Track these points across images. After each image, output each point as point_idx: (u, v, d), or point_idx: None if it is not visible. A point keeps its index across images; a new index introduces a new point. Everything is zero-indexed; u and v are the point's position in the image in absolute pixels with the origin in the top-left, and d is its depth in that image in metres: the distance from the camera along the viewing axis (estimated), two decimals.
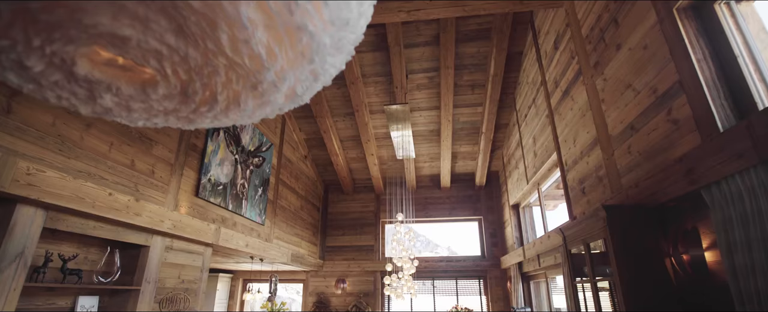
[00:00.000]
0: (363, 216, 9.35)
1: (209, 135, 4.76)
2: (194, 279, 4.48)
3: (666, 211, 2.85)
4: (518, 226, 7.80)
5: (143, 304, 3.69)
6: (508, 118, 7.56)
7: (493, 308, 8.39)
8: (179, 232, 3.98)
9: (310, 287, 8.96)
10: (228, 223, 5.20)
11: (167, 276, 4.05)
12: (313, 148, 8.51)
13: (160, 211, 3.69)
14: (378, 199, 9.46)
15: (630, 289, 2.71)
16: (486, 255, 8.79)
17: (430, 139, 8.11)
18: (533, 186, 6.49)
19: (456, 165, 8.86)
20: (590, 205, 4.03)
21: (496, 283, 8.53)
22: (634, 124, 3.09)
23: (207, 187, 4.69)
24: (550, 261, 5.59)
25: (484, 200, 9.14)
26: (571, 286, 3.82)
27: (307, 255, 8.07)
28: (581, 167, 4.24)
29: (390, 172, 9.06)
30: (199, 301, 4.56)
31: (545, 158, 5.49)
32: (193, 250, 4.46)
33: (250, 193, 5.76)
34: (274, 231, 6.63)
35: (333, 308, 8.70)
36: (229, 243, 4.96)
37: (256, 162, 5.95)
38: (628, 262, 2.76)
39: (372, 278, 8.81)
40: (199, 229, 4.31)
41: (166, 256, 4.03)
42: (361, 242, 9.14)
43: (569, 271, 3.83)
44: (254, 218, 5.87)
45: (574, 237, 3.64)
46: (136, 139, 3.65)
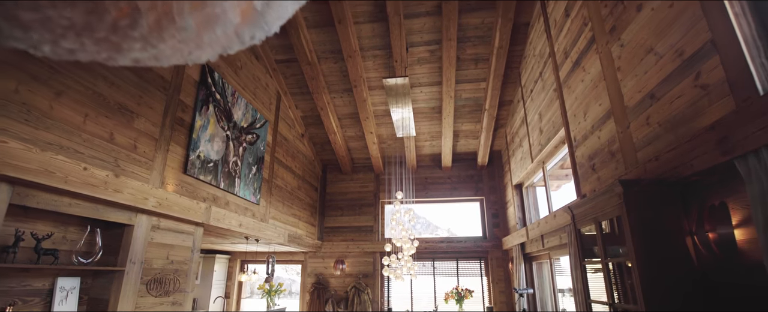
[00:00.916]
0: (362, 196, 9.16)
1: (197, 109, 4.50)
2: (184, 260, 4.29)
3: (687, 186, 2.61)
4: (521, 207, 7.60)
5: (128, 285, 3.50)
6: (512, 94, 7.27)
7: (494, 289, 8.27)
8: (166, 210, 3.77)
9: (309, 268, 8.84)
10: (220, 202, 4.99)
11: (154, 256, 3.85)
12: (310, 126, 8.25)
13: (143, 188, 3.47)
14: (377, 179, 9.25)
15: (647, 269, 2.50)
16: (487, 236, 8.62)
17: (431, 117, 7.83)
18: (538, 165, 6.26)
19: (458, 144, 8.61)
20: (601, 182, 3.80)
21: (498, 264, 8.40)
22: (655, 93, 2.83)
23: (196, 164, 4.46)
24: (555, 242, 5.40)
25: (486, 180, 8.93)
26: (579, 267, 3.62)
27: (304, 236, 7.91)
28: (592, 142, 3.99)
29: (390, 151, 8.82)
30: (190, 282, 4.39)
31: (552, 135, 5.23)
32: (182, 229, 4.26)
33: (244, 171, 5.53)
34: (269, 211, 6.44)
35: (332, 289, 8.60)
36: (221, 223, 4.76)
37: (249, 139, 5.70)
38: (645, 241, 2.54)
39: (371, 259, 8.67)
40: (188, 207, 4.09)
41: (153, 235, 3.83)
42: (360, 223, 8.97)
43: (578, 252, 3.62)
44: (248, 197, 5.66)
45: (584, 215, 3.42)
46: (115, 111, 3.39)
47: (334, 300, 8.41)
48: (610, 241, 3.09)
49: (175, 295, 4.15)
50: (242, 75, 5.70)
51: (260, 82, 6.32)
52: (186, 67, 4.37)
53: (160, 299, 3.93)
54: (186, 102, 4.38)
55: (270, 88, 6.71)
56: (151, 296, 3.81)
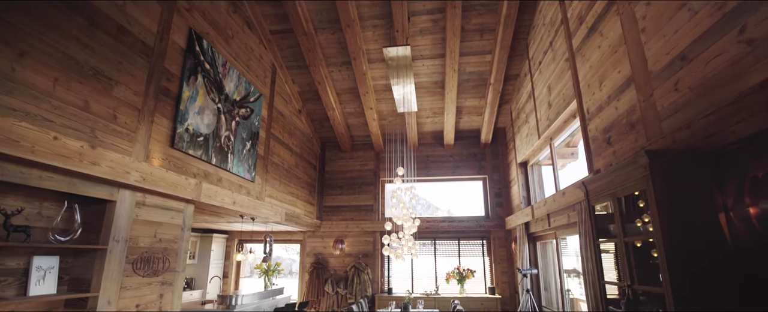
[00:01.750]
0: (362, 175, 8.92)
1: (184, 78, 4.20)
2: (173, 238, 4.08)
3: (723, 157, 2.35)
4: (526, 186, 7.37)
5: (112, 264, 3.29)
6: (518, 68, 6.93)
7: (496, 270, 8.12)
8: (151, 186, 3.52)
9: (308, 248, 8.68)
10: (212, 178, 4.75)
11: (140, 234, 3.63)
12: (308, 102, 7.94)
13: (124, 161, 3.21)
14: (377, 157, 8.99)
15: (674, 248, 2.26)
16: (490, 215, 8.42)
17: (434, 92, 7.52)
18: (545, 141, 5.99)
19: (460, 121, 8.31)
20: (617, 156, 3.54)
21: (500, 244, 8.23)
22: (687, 54, 2.53)
23: (184, 138, 4.19)
24: (562, 220, 5.17)
25: (490, 158, 8.67)
26: (592, 246, 3.39)
27: (303, 215, 7.71)
28: (607, 114, 3.70)
29: (390, 128, 8.53)
30: (181, 261, 4.19)
31: (562, 108, 4.94)
32: (170, 206, 4.02)
33: (237, 146, 5.27)
34: (265, 189, 6.21)
35: (331, 269, 8.46)
36: (213, 200, 4.53)
37: (242, 113, 5.42)
38: (673, 217, 2.29)
39: (371, 239, 8.50)
40: (176, 183, 3.85)
41: (138, 212, 3.59)
42: (360, 202, 8.77)
43: (591, 230, 3.39)
44: (242, 174, 5.42)
45: (599, 191, 3.17)
46: (90, 77, 3.10)
47: (333, 280, 8.28)
48: (629, 218, 2.85)
49: (165, 275, 3.95)
50: (234, 45, 5.37)
51: (254, 53, 5.99)
52: (170, 32, 4.05)
53: (148, 279, 3.73)
54: (172, 70, 4.08)
55: (265, 61, 6.38)
56: (138, 276, 3.60)
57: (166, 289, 3.97)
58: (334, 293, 8.18)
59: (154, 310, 3.82)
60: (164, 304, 3.94)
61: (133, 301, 3.54)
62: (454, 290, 8.19)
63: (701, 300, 2.19)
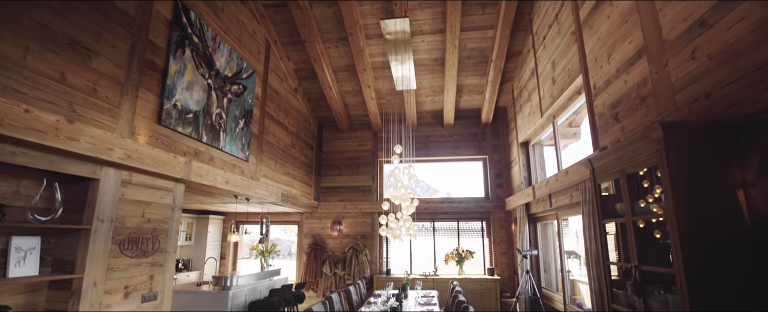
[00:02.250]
0: (360, 155, 8.77)
1: (171, 52, 4.00)
2: (163, 218, 3.94)
3: (742, 129, 2.18)
4: (527, 166, 7.23)
5: (97, 245, 3.16)
6: (521, 44, 6.70)
7: (495, 251, 8.06)
8: (136, 163, 3.37)
9: (305, 229, 8.60)
10: (203, 157, 4.59)
11: (127, 214, 3.49)
12: (304, 80, 7.72)
13: (106, 137, 3.04)
14: (376, 137, 8.82)
15: (688, 226, 2.12)
16: (490, 196, 8.31)
17: (433, 70, 7.29)
18: (548, 119, 5.81)
19: (461, 99, 8.11)
20: (625, 132, 3.37)
21: (500, 225, 8.14)
22: (706, 19, 2.34)
23: (172, 114, 4.01)
24: (564, 200, 5.04)
25: (490, 138, 8.50)
26: (597, 226, 3.26)
27: (300, 195, 7.59)
28: (616, 88, 3.52)
29: (389, 107, 8.33)
30: (172, 242, 4.07)
31: (566, 84, 4.75)
32: (159, 185, 3.87)
33: (229, 124, 5.09)
34: (260, 168, 6.06)
35: (329, 250, 8.39)
36: (204, 179, 4.39)
37: (235, 90, 5.22)
38: (687, 194, 2.14)
39: (369, 220, 8.41)
40: (164, 161, 3.69)
41: (124, 191, 3.44)
42: (358, 182, 8.64)
43: (596, 209, 3.25)
44: (236, 153, 5.26)
45: (607, 168, 3.01)
46: (66, 47, 2.91)
47: (331, 261, 8.22)
48: (637, 195, 2.71)
49: (155, 256, 3.84)
50: (224, 18, 5.13)
51: (246, 27, 5.75)
52: (154, 2, 3.82)
53: (137, 260, 3.61)
54: (157, 43, 3.87)
55: (258, 36, 6.14)
56: (126, 257, 3.48)
57: (157, 270, 3.86)
58: (332, 274, 8.14)
59: (145, 291, 3.72)
60: (155, 285, 3.84)
61: (121, 283, 3.43)
62: (452, 271, 8.15)
63: (713, 279, 2.06)
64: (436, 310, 4.92)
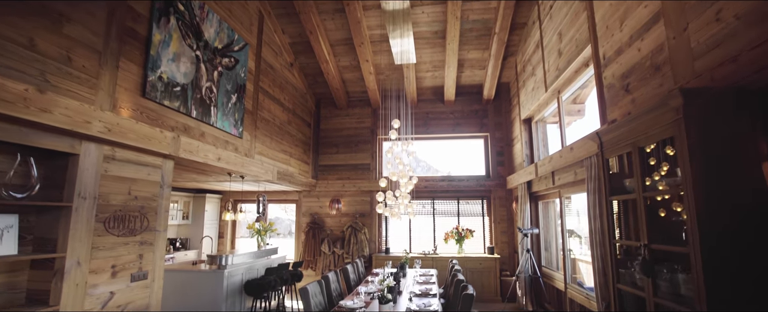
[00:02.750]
0: (358, 132, 8.58)
1: (155, 20, 3.76)
2: (152, 196, 3.79)
3: None
4: (529, 143, 7.04)
5: (80, 223, 3.02)
6: (526, 15, 6.40)
7: (495, 230, 7.96)
8: (119, 138, 3.19)
9: (303, 208, 8.49)
10: (193, 132, 4.41)
11: (112, 191, 3.34)
12: (300, 54, 7.45)
13: (84, 109, 2.86)
14: (374, 114, 8.60)
15: (707, 202, 1.95)
16: (491, 174, 8.15)
17: (434, 44, 7.02)
18: (553, 94, 5.59)
19: (462, 75, 7.85)
20: (636, 104, 3.17)
21: (501, 203, 8.01)
22: None
23: (158, 87, 3.81)
24: (568, 178, 4.88)
25: (492, 115, 8.28)
26: (603, 203, 3.10)
27: (297, 173, 7.44)
28: (628, 57, 3.30)
29: (388, 83, 8.09)
30: (162, 220, 3.93)
31: (573, 56, 4.51)
32: (146, 161, 3.71)
33: (221, 99, 4.89)
34: (255, 145, 5.88)
35: (328, 229, 8.31)
36: (195, 156, 4.22)
37: (225, 63, 4.99)
38: (706, 167, 1.97)
39: (368, 198, 8.29)
40: (149, 136, 3.51)
41: (107, 167, 3.28)
42: (357, 161, 8.48)
43: (603, 186, 3.08)
44: (228, 129, 5.07)
45: (616, 142, 2.83)
46: (35, 11, 2.69)
47: (330, 240, 8.14)
48: (649, 170, 2.53)
49: (144, 235, 3.70)
50: None
51: None
52: None
53: (124, 239, 3.48)
54: (138, 10, 3.63)
55: (250, 7, 5.86)
56: (112, 235, 3.35)
57: (146, 249, 3.74)
58: (331, 253, 8.07)
59: (134, 270, 3.60)
60: (145, 264, 3.72)
61: (107, 262, 3.30)
62: (452, 250, 8.08)
63: (731, 259, 1.91)
64: (434, 289, 4.83)
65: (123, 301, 3.48)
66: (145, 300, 3.75)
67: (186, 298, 5.18)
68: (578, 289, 4.95)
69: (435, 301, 4.05)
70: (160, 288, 3.95)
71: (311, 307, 3.80)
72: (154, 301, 3.86)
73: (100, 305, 3.24)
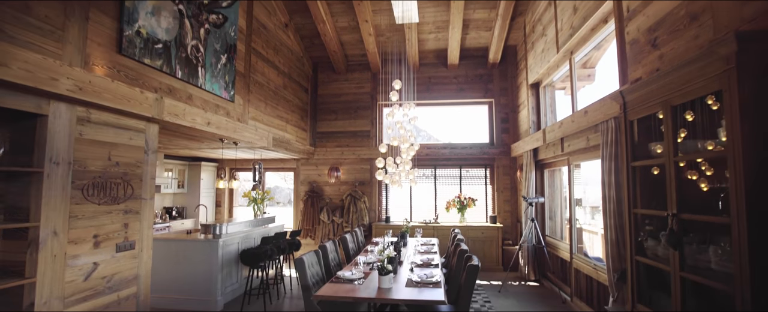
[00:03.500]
0: (358, 98, 8.23)
1: None
2: (135, 162, 3.54)
3: None
4: (536, 109, 6.73)
5: (54, 190, 2.77)
6: None
7: (498, 198, 7.77)
8: (93, 98, 2.90)
9: (302, 176, 8.27)
10: (179, 94, 4.11)
11: (89, 157, 3.08)
12: (295, 14, 7.01)
13: (48, 64, 2.55)
14: (374, 78, 8.23)
15: (760, 171, 1.68)
16: (495, 142, 7.88)
17: (438, 2, 6.56)
18: (564, 56, 5.23)
19: (467, 37, 7.43)
20: (664, 61, 2.85)
21: (504, 172, 7.79)
22: None
23: (136, 43, 3.47)
24: (579, 144, 4.61)
25: (498, 80, 7.92)
26: (623, 170, 2.83)
27: (294, 141, 7.17)
28: (657, 8, 2.95)
29: (388, 45, 7.67)
30: (148, 187, 3.69)
31: (591, 11, 4.13)
32: (126, 125, 3.43)
33: (209, 59, 4.55)
34: (248, 110, 5.58)
35: (327, 198, 8.12)
36: (181, 120, 3.93)
37: (213, 20, 4.62)
38: (758, 126, 1.69)
39: (368, 166, 8.05)
40: (127, 96, 3.21)
41: (82, 130, 3.01)
42: (356, 127, 8.18)
43: (625, 151, 2.81)
44: (218, 92, 4.76)
45: (643, 101, 2.53)
46: None
47: (329, 209, 7.97)
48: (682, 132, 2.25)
49: (128, 203, 3.48)
50: None
51: None
52: None
53: (106, 207, 3.25)
54: None
55: None
56: (92, 203, 3.12)
57: (132, 218, 3.52)
58: (330, 222, 7.93)
59: (119, 240, 3.40)
60: (130, 233, 3.52)
61: (88, 232, 3.09)
62: (454, 219, 7.92)
63: None
64: (436, 259, 4.66)
65: (108, 272, 3.30)
66: (134, 271, 3.58)
67: (180, 268, 5.04)
68: (584, 260, 4.79)
69: (437, 272, 3.88)
70: (149, 258, 3.76)
71: (307, 278, 3.63)
72: (143, 272, 3.68)
73: (82, 277, 3.05)
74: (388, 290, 3.29)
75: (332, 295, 3.16)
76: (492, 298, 5.50)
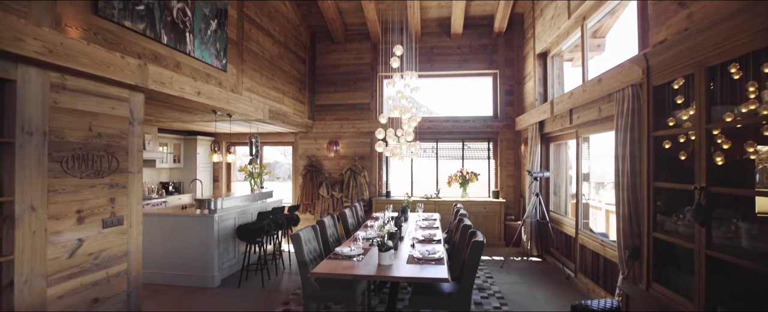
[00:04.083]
0: (357, 69, 7.93)
1: None
2: (120, 133, 3.32)
3: None
4: (543, 80, 6.45)
5: (28, 162, 2.57)
6: None
7: (501, 173, 7.59)
8: (67, 62, 2.66)
9: (300, 150, 8.07)
10: (165, 62, 3.85)
11: (67, 126, 2.86)
12: None
13: (9, 22, 2.30)
14: (374, 49, 7.90)
15: None
16: (499, 115, 7.63)
17: None
18: (576, 22, 4.93)
19: (471, 4, 7.06)
20: (693, 20, 2.59)
21: (508, 146, 7.57)
22: None
23: (114, 4, 3.20)
24: (590, 116, 4.38)
25: (503, 50, 7.59)
26: (644, 141, 2.62)
27: (291, 113, 6.93)
28: None
29: (389, 13, 7.31)
30: (135, 160, 3.49)
31: None
32: (108, 93, 3.19)
33: (197, 25, 4.26)
34: (242, 80, 5.32)
35: (326, 172, 7.95)
36: (168, 88, 3.69)
37: None
38: None
39: (368, 140, 7.84)
40: (107, 61, 2.97)
41: (57, 98, 2.78)
42: (356, 100, 7.92)
43: (645, 121, 2.59)
44: (209, 61, 4.50)
45: (672, 63, 2.29)
46: None
47: (328, 183, 7.81)
48: (672, 108, 2.02)
49: (114, 176, 3.28)
50: None
51: None
52: None
53: (90, 180, 3.06)
54: None
55: None
56: (74, 177, 2.92)
57: (118, 193, 3.33)
58: (330, 197, 7.78)
59: (106, 216, 3.22)
60: (118, 208, 3.34)
61: (70, 207, 2.91)
62: (455, 194, 7.77)
63: None
64: (438, 234, 4.51)
65: (95, 249, 3.14)
66: (123, 247, 3.42)
67: (175, 244, 4.91)
68: (591, 235, 4.64)
69: (440, 248, 3.73)
70: (139, 234, 3.61)
71: (304, 254, 3.48)
72: (133, 248, 3.53)
73: (66, 254, 2.89)
74: (389, 267, 3.14)
75: (330, 272, 3.01)
76: (494, 273, 5.39)
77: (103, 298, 3.23)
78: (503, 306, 4.15)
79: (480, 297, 4.42)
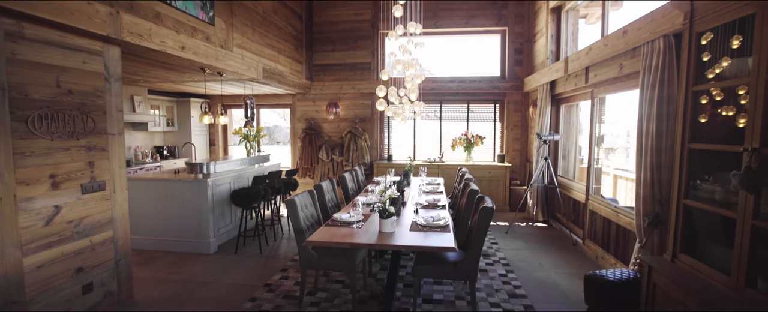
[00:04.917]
0: (357, 27, 7.45)
1: None
2: (94, 90, 3.02)
3: None
4: (556, 37, 6.01)
5: None
6: None
7: (507, 136, 7.30)
8: (20, 6, 2.32)
9: (298, 112, 7.75)
10: (143, 11, 3.48)
11: (30, 82, 2.56)
12: None
13: None
14: (375, 4, 7.39)
15: None
16: (507, 75, 7.24)
17: None
18: None
19: None
20: None
21: (515, 108, 7.23)
22: None
23: None
24: (609, 73, 4.03)
25: (513, 5, 7.09)
26: (681, 98, 2.31)
27: (288, 73, 6.55)
28: None
29: None
30: (114, 121, 3.21)
31: None
32: (77, 45, 2.86)
33: None
34: (232, 36, 4.93)
35: (325, 135, 7.67)
36: (147, 41, 3.34)
37: None
38: None
39: (369, 101, 7.49)
40: (70, 8, 2.62)
41: (16, 49, 2.46)
42: (356, 59, 7.50)
43: (685, 74, 2.26)
44: (194, 13, 4.11)
45: (723, 5, 1.94)
46: None
47: (327, 147, 7.55)
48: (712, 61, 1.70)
49: (91, 138, 3.01)
50: None
51: None
52: None
53: (62, 143, 2.79)
54: None
55: None
56: (43, 138, 2.65)
57: (97, 156, 3.07)
58: (329, 161, 7.54)
59: (85, 180, 2.98)
60: (99, 173, 3.09)
61: (42, 171, 2.66)
62: (459, 158, 7.52)
63: None
64: (443, 199, 4.29)
65: (75, 216, 2.92)
66: (107, 213, 3.21)
67: (168, 210, 4.71)
68: (603, 201, 4.42)
69: (445, 214, 3.51)
70: (124, 200, 3.38)
71: (300, 220, 3.26)
72: (119, 214, 3.32)
73: (42, 222, 2.68)
74: (390, 235, 2.92)
75: (327, 240, 2.79)
76: (499, 239, 5.22)
77: (89, 267, 3.05)
78: (509, 273, 3.99)
79: (485, 264, 4.25)
